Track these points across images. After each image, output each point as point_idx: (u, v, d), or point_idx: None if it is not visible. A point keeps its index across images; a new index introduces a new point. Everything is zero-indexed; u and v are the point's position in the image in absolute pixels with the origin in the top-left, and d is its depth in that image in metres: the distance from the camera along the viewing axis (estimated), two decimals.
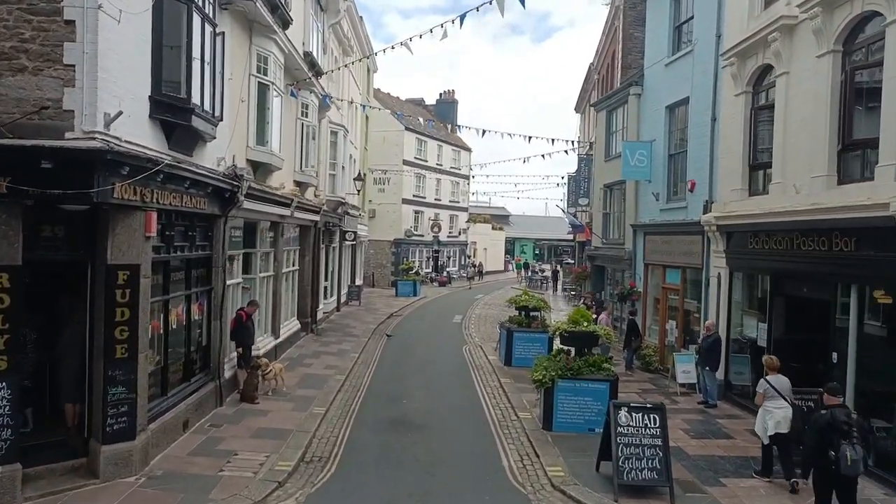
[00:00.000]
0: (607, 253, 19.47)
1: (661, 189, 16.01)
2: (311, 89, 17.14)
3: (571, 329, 10.76)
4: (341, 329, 21.89)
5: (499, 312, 28.76)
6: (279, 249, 15.89)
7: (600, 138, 20.67)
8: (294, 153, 16.93)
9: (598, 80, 28.39)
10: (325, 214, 22.02)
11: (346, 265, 29.42)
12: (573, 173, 38.11)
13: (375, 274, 41.80)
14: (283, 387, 12.95)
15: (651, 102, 16.71)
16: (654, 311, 16.73)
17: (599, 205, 20.57)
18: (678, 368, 13.71)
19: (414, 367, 16.27)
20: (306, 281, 19.89)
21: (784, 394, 8.67)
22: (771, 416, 8.63)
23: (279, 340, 16.11)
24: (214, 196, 10.68)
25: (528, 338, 16.17)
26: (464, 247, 52.19)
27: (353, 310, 27.64)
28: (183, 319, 10.21)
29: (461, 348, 19.39)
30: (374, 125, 38.91)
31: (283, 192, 15.30)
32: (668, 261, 15.64)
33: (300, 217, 17.39)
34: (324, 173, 21.65)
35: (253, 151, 12.82)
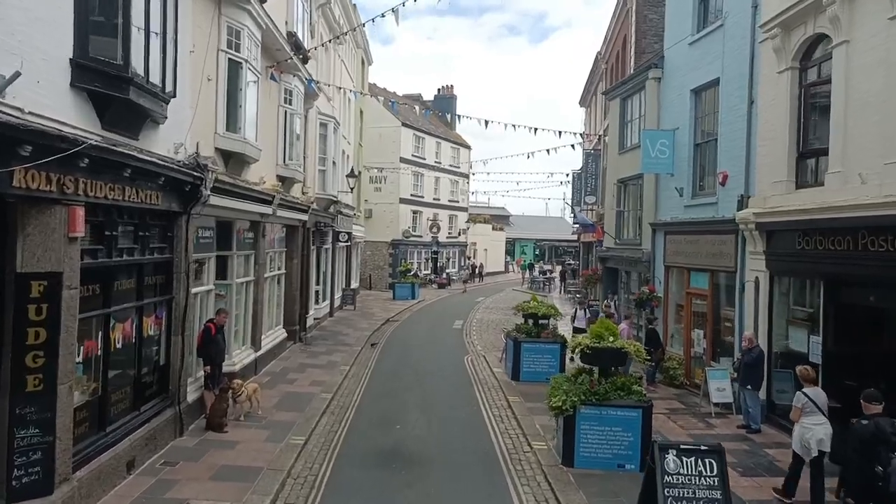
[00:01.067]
0: (621, 254, 17.81)
1: (686, 183, 14.35)
2: (294, 73, 15.46)
3: (595, 345, 9.07)
4: (333, 337, 20.20)
5: (501, 317, 27.11)
6: (260, 251, 14.20)
7: (613, 129, 19.02)
8: (276, 145, 15.26)
9: (605, 70, 26.74)
10: (315, 214, 20.34)
11: (340, 268, 27.74)
12: (578, 170, 36.53)
13: (373, 276, 40.15)
14: (258, 409, 11.26)
15: (673, 87, 15.05)
16: (677, 318, 15.06)
17: (612, 202, 18.91)
18: (711, 385, 12.04)
19: (411, 382, 14.59)
20: (294, 285, 18.20)
21: (823, 408, 7.97)
22: (811, 433, 7.83)
23: (260, 353, 14.43)
24: (171, 189, 9.00)
25: (538, 349, 14.49)
26: (463, 248, 50.52)
27: (348, 315, 25.97)
28: (131, 336, 8.51)
29: (463, 358, 17.71)
30: (370, 121, 37.26)
31: (263, 188, 13.62)
32: (693, 263, 13.98)
33: (285, 216, 15.72)
34: (312, 169, 19.97)
35: (223, 139, 11.14)
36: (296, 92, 15.88)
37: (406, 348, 19.15)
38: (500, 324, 25.08)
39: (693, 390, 13.69)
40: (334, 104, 23.71)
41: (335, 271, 25.63)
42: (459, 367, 16.47)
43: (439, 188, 45.88)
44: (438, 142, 45.63)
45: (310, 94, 18.20)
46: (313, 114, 19.75)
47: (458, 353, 18.50)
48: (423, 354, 18.18)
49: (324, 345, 18.59)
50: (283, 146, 15.50)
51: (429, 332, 22.61)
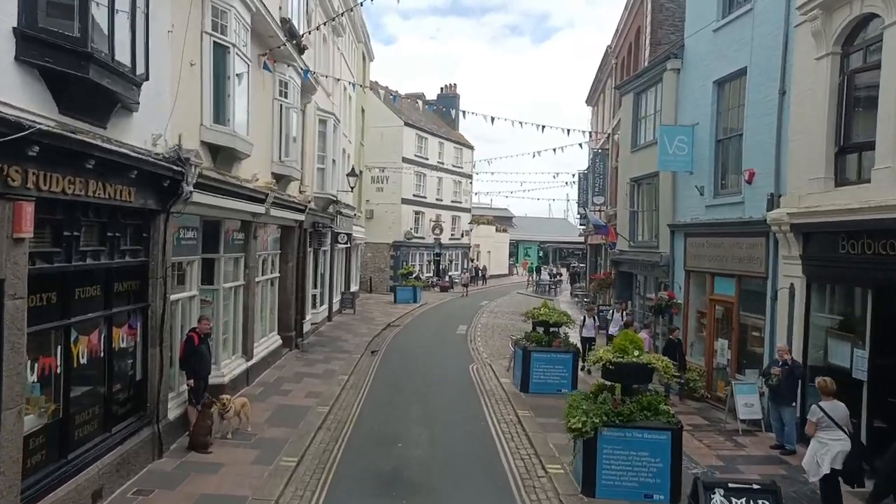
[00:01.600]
0: (636, 257, 16.85)
1: (707, 181, 13.39)
2: (290, 63, 14.54)
3: (619, 360, 8.11)
4: (331, 343, 19.26)
5: (507, 322, 26.17)
6: (252, 254, 13.27)
7: (626, 126, 18.07)
8: (271, 140, 14.34)
9: (615, 66, 25.80)
10: (313, 214, 19.42)
11: (339, 270, 26.81)
12: (584, 170, 35.58)
13: (373, 279, 39.22)
14: (247, 426, 10.32)
15: (694, 78, 14.10)
16: (698, 326, 14.10)
17: (625, 202, 17.95)
18: (739, 400, 11.08)
19: (413, 393, 13.64)
20: (290, 290, 17.28)
21: (841, 423, 7.48)
22: (826, 449, 7.42)
23: (252, 362, 13.49)
24: (147, 185, 8.07)
25: (549, 359, 13.54)
26: (466, 250, 49.56)
27: (347, 319, 25.03)
28: (99, 350, 7.58)
29: (468, 367, 16.75)
30: (371, 120, 36.37)
31: (255, 186, 12.70)
32: (717, 267, 13.02)
33: (280, 216, 14.79)
34: (310, 167, 19.06)
35: (209, 131, 10.21)
36: (292, 84, 14.96)
37: (408, 356, 18.21)
38: (505, 329, 24.14)
39: (716, 404, 12.73)
40: (334, 100, 22.80)
41: (334, 274, 24.72)
42: (464, 377, 15.52)
43: (442, 189, 44.95)
44: (441, 142, 44.72)
45: (307, 88, 17.28)
46: (311, 109, 18.84)
47: (463, 362, 17.55)
48: (425, 363, 17.23)
49: (321, 352, 17.65)
50: (278, 142, 14.58)
51: (432, 339, 21.66)
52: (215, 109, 10.37)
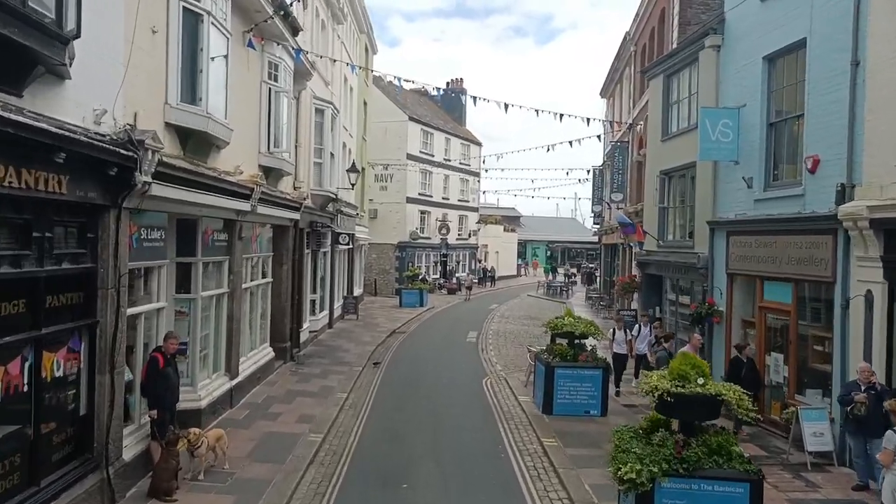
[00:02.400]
0: (666, 259, 15.14)
1: (757, 171, 11.68)
2: (281, 42, 12.91)
3: (680, 391, 6.42)
4: (330, 354, 17.63)
5: (519, 328, 24.51)
6: (236, 257, 11.65)
7: (654, 113, 16.37)
8: (258, 128, 12.72)
9: (634, 53, 24.10)
10: (311, 212, 17.81)
11: (340, 273, 25.19)
12: (600, 166, 33.89)
13: (378, 281, 37.62)
14: (224, 462, 8.70)
15: (738, 55, 12.39)
16: (743, 338, 12.38)
17: (653, 197, 16.24)
18: (807, 429, 9.37)
19: (420, 415, 11.99)
20: (283, 296, 15.67)
21: None
22: None
23: (238, 381, 11.87)
24: (86, 173, 6.45)
25: (576, 376, 11.85)
26: (474, 250, 47.89)
27: (349, 325, 23.40)
28: (23, 381, 5.96)
29: (481, 381, 15.08)
30: (375, 115, 34.77)
31: (239, 179, 11.09)
32: (768, 270, 11.31)
33: (270, 214, 13.17)
34: (306, 161, 17.44)
35: (176, 111, 8.58)
36: (283, 67, 13.34)
37: (414, 368, 16.55)
38: (518, 336, 22.48)
39: (770, 429, 11.02)
40: (333, 90, 21.20)
41: (335, 277, 23.09)
42: (478, 395, 13.84)
43: (449, 187, 43.31)
44: (448, 138, 43.08)
45: (301, 73, 15.67)
46: (307, 97, 17.22)
47: (475, 375, 15.87)
48: (434, 376, 15.57)
49: (319, 364, 16.01)
50: (266, 130, 12.96)
51: (440, 347, 20.00)
52: (184, 86, 8.73)
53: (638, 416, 12.12)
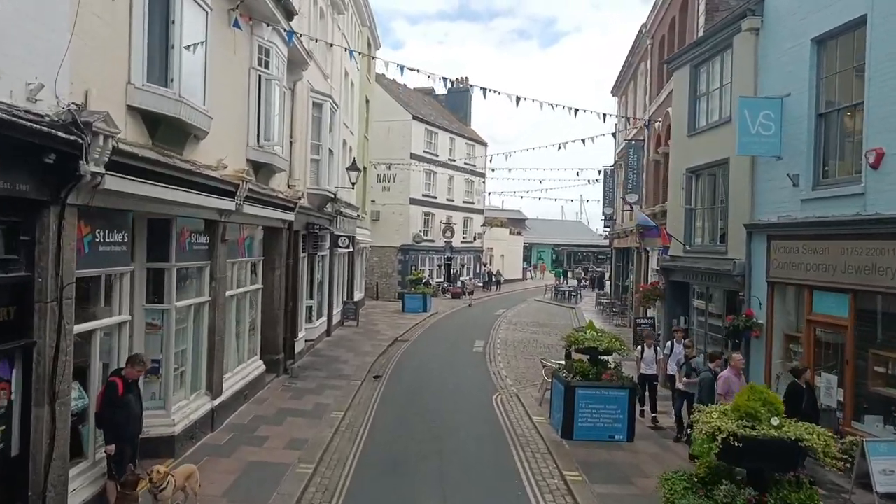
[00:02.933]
0: (694, 265, 13.83)
1: (804, 168, 10.39)
2: (271, 24, 11.67)
3: (750, 434, 5.13)
4: (327, 365, 16.35)
5: (528, 336, 23.21)
6: (219, 262, 10.39)
7: (679, 106, 15.07)
8: (247, 119, 11.49)
9: (651, 46, 22.80)
10: (307, 213, 16.58)
11: (340, 278, 23.94)
12: (611, 166, 32.60)
13: (380, 284, 36.36)
14: (195, 502, 7.42)
15: (781, 38, 11.10)
16: (786, 354, 11.08)
17: (678, 197, 14.93)
18: (875, 465, 8.02)
19: (424, 440, 10.69)
20: (276, 304, 14.42)
21: None
22: None
23: (221, 400, 10.60)
24: (18, 160, 5.22)
25: (599, 397, 10.56)
26: (479, 253, 46.61)
27: (349, 333, 22.13)
28: None
29: (491, 399, 13.78)
30: (377, 113, 33.58)
31: (222, 174, 9.86)
32: (819, 279, 10.00)
33: (259, 214, 11.94)
34: (302, 157, 16.20)
35: (141, 93, 7.33)
36: (275, 53, 12.10)
37: (417, 382, 15.26)
38: (528, 345, 21.18)
39: (826, 464, 9.67)
40: (333, 85, 19.98)
41: (334, 282, 21.83)
42: (488, 415, 12.54)
43: (453, 188, 42.07)
44: (452, 137, 41.86)
45: (297, 62, 14.45)
46: (303, 90, 15.99)
47: (484, 390, 14.58)
48: (439, 392, 14.28)
49: (314, 378, 14.74)
50: (255, 121, 11.72)
51: (445, 358, 18.71)
52: (152, 64, 7.49)
53: (666, 440, 10.85)
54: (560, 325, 26.57)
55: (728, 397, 8.89)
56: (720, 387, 9.03)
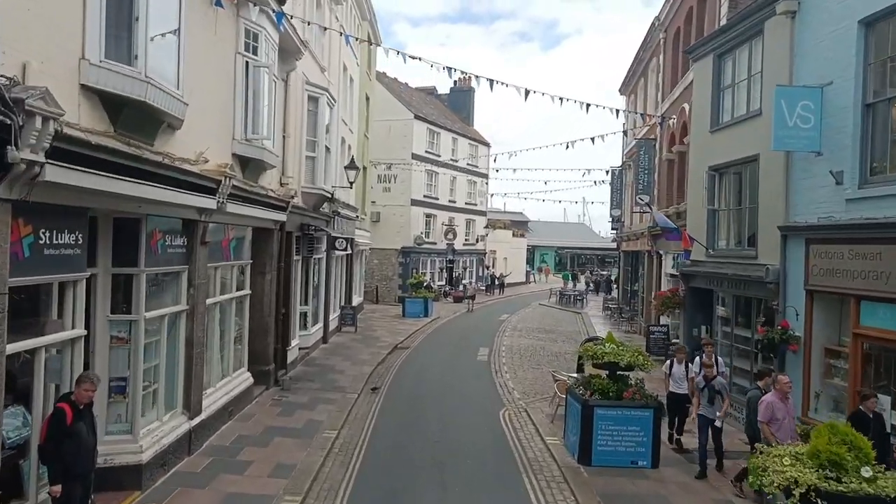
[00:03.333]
0: (718, 270, 12.75)
1: (849, 164, 9.34)
2: (258, 4, 10.63)
3: (835, 489, 4.06)
4: (322, 376, 15.30)
5: (534, 343, 22.14)
6: (198, 266, 9.35)
7: (701, 100, 14.02)
8: (232, 109, 10.46)
9: (664, 40, 21.77)
10: (301, 213, 15.55)
11: (337, 281, 22.89)
12: (619, 166, 31.56)
13: (380, 288, 35.33)
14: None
15: (822, 20, 10.05)
16: (827, 370, 10.01)
17: (700, 197, 13.86)
18: None
19: (426, 467, 9.62)
20: (267, 310, 13.39)
21: None
22: None
23: (200, 419, 9.56)
24: None
25: (620, 418, 9.50)
26: (482, 256, 45.55)
27: (347, 339, 21.08)
28: None
29: (498, 415, 12.72)
30: (378, 112, 32.59)
31: (202, 169, 8.84)
32: (868, 288, 8.94)
33: (245, 214, 10.91)
34: (296, 154, 15.17)
35: (98, 71, 6.28)
36: (264, 37, 11.07)
37: (418, 395, 14.20)
38: (535, 353, 20.11)
39: None
40: (331, 79, 18.96)
41: (330, 286, 20.77)
42: (495, 434, 11.48)
43: (455, 189, 41.03)
44: (455, 137, 40.82)
45: (290, 50, 13.46)
46: (298, 82, 14.97)
47: (490, 405, 13.51)
48: (441, 407, 13.22)
49: (307, 390, 13.68)
50: (242, 113, 10.69)
51: (447, 367, 17.64)
52: (110, 37, 6.45)
53: (695, 464, 9.77)
54: (567, 332, 25.52)
55: (772, 425, 7.83)
56: (762, 413, 7.94)
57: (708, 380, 9.54)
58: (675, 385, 10.63)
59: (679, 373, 10.62)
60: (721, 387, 9.42)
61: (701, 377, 9.76)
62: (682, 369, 10.63)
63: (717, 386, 9.39)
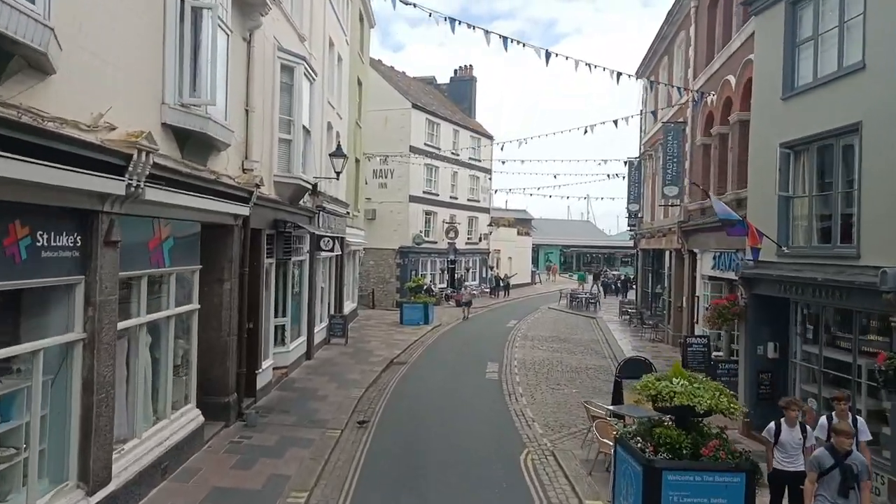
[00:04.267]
0: (798, 274, 9.94)
1: None
2: None
3: None
4: (300, 404, 12.57)
5: (550, 356, 19.40)
6: (100, 277, 6.59)
7: (766, 62, 11.26)
8: (161, 62, 7.70)
9: (696, 8, 19.02)
10: (272, 206, 12.87)
11: (324, 287, 20.14)
12: (636, 157, 28.86)
13: (376, 291, 32.65)
14: None
15: None
16: None
17: (766, 184, 11.10)
18: None
19: None
20: (225, 328, 10.67)
21: None
22: None
23: (105, 494, 6.82)
24: None
25: (701, 486, 6.73)
26: (485, 256, 42.80)
27: (335, 353, 18.36)
28: None
29: (518, 461, 9.95)
30: (373, 101, 29.87)
31: (104, 139, 6.15)
32: None
33: (186, 205, 8.21)
34: (265, 134, 12.45)
35: None
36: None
37: (416, 431, 11.44)
38: (552, 368, 17.37)
39: None
40: (313, 52, 16.23)
41: (315, 293, 18.00)
42: (518, 495, 8.71)
43: (457, 185, 38.30)
44: (456, 129, 38.06)
45: (253, 2, 10.71)
46: (266, 45, 12.23)
47: (508, 445, 10.74)
48: (446, 450, 10.45)
49: (278, 426, 10.94)
50: (175, 68, 7.93)
51: (451, 390, 14.89)
52: None
53: None
54: (583, 341, 22.80)
55: None
56: None
57: (839, 454, 6.15)
58: (783, 458, 7.16)
59: (792, 440, 7.12)
60: (862, 467, 6.06)
61: (825, 451, 6.31)
62: (795, 435, 7.15)
63: (856, 466, 6.05)
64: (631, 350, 20.21)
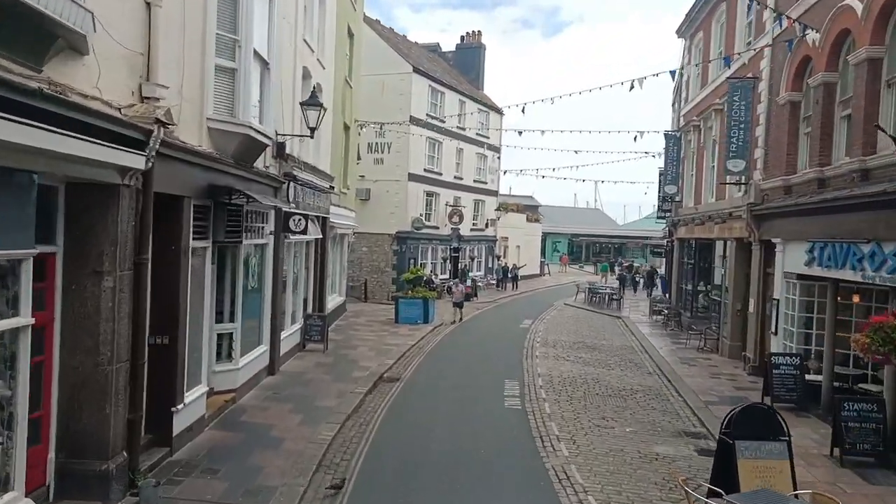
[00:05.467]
0: None
1: None
2: None
3: None
4: (242, 454, 8.52)
5: (582, 370, 15.30)
6: None
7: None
8: None
9: None
10: (207, 164, 8.78)
11: (299, 280, 16.03)
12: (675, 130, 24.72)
13: (369, 282, 28.62)
14: None
15: None
16: None
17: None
18: None
19: None
20: (105, 352, 6.58)
21: None
22: None
23: None
24: None
25: None
26: (492, 243, 38.68)
27: (309, 365, 14.31)
28: None
29: None
30: (369, 65, 25.71)
31: None
32: None
33: None
34: (188, 50, 8.26)
35: None
36: None
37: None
38: (588, 391, 13.29)
39: None
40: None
41: (280, 287, 13.86)
42: None
43: (462, 163, 34.13)
44: (462, 100, 33.79)
45: None
46: None
47: None
48: None
49: None
50: None
51: (459, 427, 10.81)
52: None
53: None
54: (615, 347, 18.77)
55: None
56: None
57: None
58: None
59: None
60: None
61: None
62: None
63: None
64: (679, 363, 16.17)
